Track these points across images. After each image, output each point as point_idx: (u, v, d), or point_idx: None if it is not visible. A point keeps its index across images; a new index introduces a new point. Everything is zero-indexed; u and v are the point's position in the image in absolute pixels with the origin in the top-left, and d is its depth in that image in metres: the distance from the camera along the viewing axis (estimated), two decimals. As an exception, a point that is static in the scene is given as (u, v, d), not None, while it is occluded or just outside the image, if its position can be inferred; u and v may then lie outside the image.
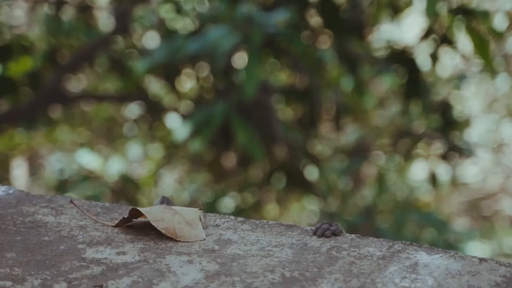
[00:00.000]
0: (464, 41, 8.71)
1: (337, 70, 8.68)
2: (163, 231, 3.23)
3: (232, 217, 3.40)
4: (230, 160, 10.14)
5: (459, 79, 10.16)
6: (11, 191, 3.68)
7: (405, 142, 9.85)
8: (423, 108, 9.37)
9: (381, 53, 9.12)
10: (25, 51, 9.51)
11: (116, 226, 3.36)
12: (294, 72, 9.21)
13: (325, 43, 8.68)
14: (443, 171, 10.14)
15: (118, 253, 3.19)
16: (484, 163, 13.42)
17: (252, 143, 7.75)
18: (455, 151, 9.45)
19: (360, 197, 9.93)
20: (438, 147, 9.67)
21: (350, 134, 10.40)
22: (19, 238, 3.32)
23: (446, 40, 8.73)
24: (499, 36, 9.03)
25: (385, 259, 3.01)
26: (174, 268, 3.08)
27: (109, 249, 3.22)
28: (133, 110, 10.53)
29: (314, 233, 3.28)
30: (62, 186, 11.25)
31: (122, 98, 10.09)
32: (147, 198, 10.56)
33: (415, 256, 3.02)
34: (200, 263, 3.09)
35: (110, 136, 11.32)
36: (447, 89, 10.15)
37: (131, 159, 10.97)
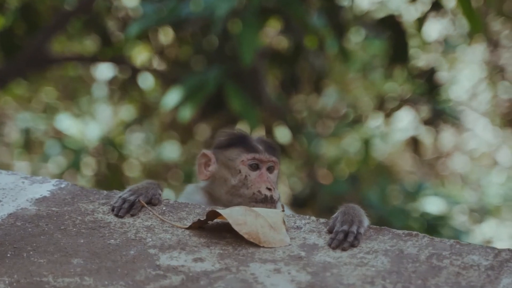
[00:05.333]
0: (452, 4, 8.54)
1: (324, 33, 8.40)
2: (246, 236, 2.96)
3: (313, 218, 3.15)
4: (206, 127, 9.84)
5: (446, 44, 9.98)
6: (63, 185, 3.37)
7: (388, 106, 9.66)
8: (408, 73, 9.18)
9: (369, 17, 8.90)
10: (-4, 8, 9.02)
11: (189, 228, 3.08)
12: (281, 36, 8.92)
13: (314, 4, 8.40)
14: (424, 134, 10.02)
15: (195, 260, 2.93)
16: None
17: (246, 109, 7.47)
18: (439, 116, 9.29)
19: (344, 163, 9.74)
20: (421, 111, 9.51)
21: (330, 97, 10.17)
22: (82, 241, 3.03)
23: (435, 4, 8.54)
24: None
25: (494, 270, 2.80)
26: (261, 278, 2.83)
27: (184, 255, 2.96)
28: (106, 71, 10.13)
29: (329, 231, 3.06)
30: (27, 146, 10.81)
31: (96, 59, 9.65)
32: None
33: (527, 267, 2.82)
34: (289, 273, 2.85)
35: (79, 96, 10.90)
36: (433, 54, 9.99)
37: (102, 120, 10.58)
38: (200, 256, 2.95)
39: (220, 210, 3.02)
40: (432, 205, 9.25)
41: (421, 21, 8.67)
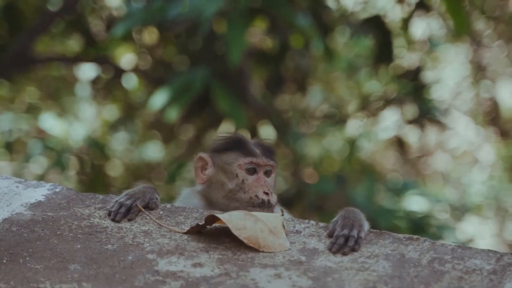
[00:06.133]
0: (437, 3, 8.55)
1: (309, 33, 8.38)
2: (245, 241, 2.93)
3: (312, 222, 3.12)
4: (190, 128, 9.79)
5: (432, 43, 9.96)
6: (58, 189, 3.32)
7: (373, 106, 9.65)
8: (393, 73, 9.17)
9: (354, 17, 8.88)
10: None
11: (187, 232, 3.04)
12: (266, 35, 8.88)
13: (300, 4, 8.37)
14: (408, 134, 10.02)
15: (194, 265, 2.89)
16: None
17: (233, 109, 7.43)
18: (424, 115, 9.27)
19: (328, 162, 9.71)
20: (407, 110, 9.49)
21: (315, 96, 10.13)
22: (79, 246, 2.98)
23: (420, 3, 8.54)
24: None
25: (497, 274, 2.78)
26: (262, 283, 2.79)
27: (183, 260, 2.92)
28: (89, 70, 10.04)
29: (329, 236, 3.02)
30: (9, 146, 10.70)
31: (79, 59, 9.57)
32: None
33: (530, 271, 2.80)
34: (290, 278, 2.81)
35: (63, 97, 10.80)
36: (419, 53, 9.98)
37: (85, 120, 10.50)
38: (199, 261, 2.91)
39: (219, 215, 2.99)
40: (415, 203, 9.25)
41: (406, 21, 8.66)
